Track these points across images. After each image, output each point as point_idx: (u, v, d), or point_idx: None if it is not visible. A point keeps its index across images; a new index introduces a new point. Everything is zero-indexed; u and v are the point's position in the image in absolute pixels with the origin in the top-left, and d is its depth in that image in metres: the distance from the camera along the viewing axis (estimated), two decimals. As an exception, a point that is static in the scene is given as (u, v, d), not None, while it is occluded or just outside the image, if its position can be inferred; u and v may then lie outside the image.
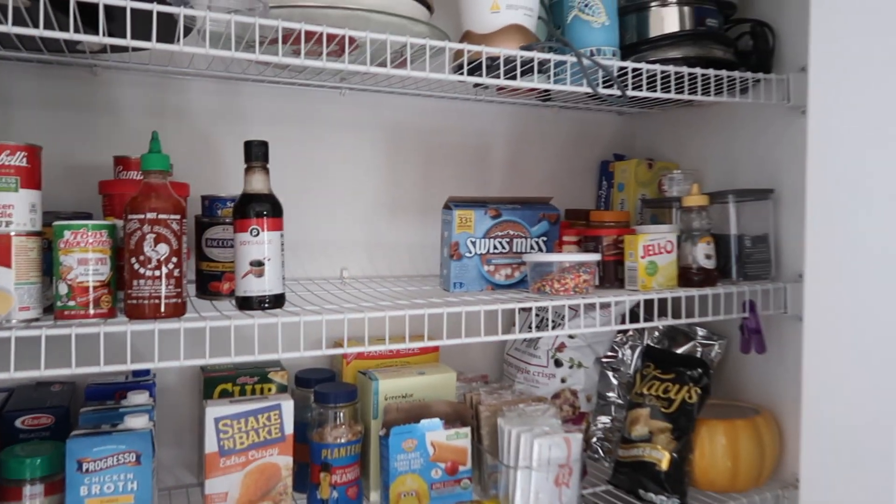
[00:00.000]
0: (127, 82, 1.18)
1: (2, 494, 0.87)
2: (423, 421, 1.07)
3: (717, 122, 1.40)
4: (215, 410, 0.98)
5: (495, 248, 1.18)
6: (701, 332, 1.36)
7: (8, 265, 0.81)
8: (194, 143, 1.22)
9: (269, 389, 1.14)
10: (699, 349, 1.34)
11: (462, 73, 1.04)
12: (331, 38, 0.93)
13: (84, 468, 0.85)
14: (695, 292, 1.15)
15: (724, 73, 1.17)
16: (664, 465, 1.15)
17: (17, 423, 0.96)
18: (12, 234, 0.82)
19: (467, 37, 1.09)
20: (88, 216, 1.04)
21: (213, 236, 1.05)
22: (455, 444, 1.09)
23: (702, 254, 1.19)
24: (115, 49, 1.06)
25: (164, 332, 0.83)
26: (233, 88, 1.25)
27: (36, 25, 0.79)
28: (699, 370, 1.21)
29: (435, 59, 1.00)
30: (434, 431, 1.07)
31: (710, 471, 1.16)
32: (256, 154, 0.95)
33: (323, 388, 1.08)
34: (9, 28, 0.78)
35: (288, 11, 0.96)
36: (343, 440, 1.05)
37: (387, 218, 1.38)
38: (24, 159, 0.83)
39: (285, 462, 1.02)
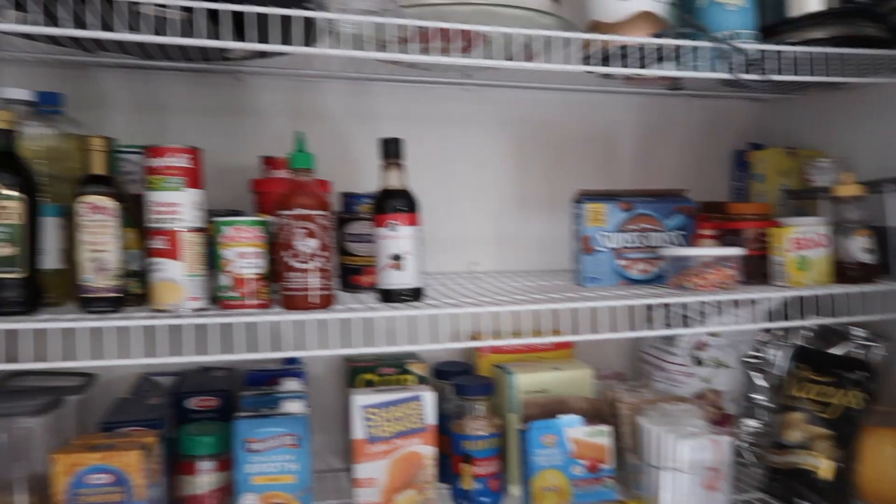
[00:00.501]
0: (268, 87, 1.25)
1: (179, 468, 0.94)
2: (561, 417, 1.06)
3: (866, 104, 1.30)
4: (362, 399, 1.02)
5: (629, 242, 1.15)
6: (859, 332, 1.26)
7: (178, 258, 0.88)
8: (329, 142, 1.27)
9: (409, 380, 1.17)
10: (858, 351, 1.25)
11: (592, 64, 1.03)
12: (461, 34, 0.94)
13: (249, 448, 0.91)
14: (853, 289, 1.07)
15: (878, 52, 1.08)
16: (824, 474, 1.07)
17: (189, 403, 1.04)
18: (180, 230, 0.88)
19: (595, 26, 1.08)
20: (239, 214, 1.10)
21: (353, 231, 1.09)
22: (595, 441, 1.07)
23: (859, 247, 1.10)
24: (260, 55, 1.12)
25: (312, 322, 0.87)
26: (363, 89, 1.30)
27: (193, 36, 0.84)
28: (864, 373, 1.12)
29: (562, 50, 0.99)
30: (573, 428, 1.06)
31: (878, 482, 1.07)
32: (392, 151, 0.98)
33: (462, 380, 1.09)
34: (171, 39, 0.84)
35: (418, 10, 0.98)
36: (483, 432, 1.06)
37: (514, 212, 1.38)
38: (188, 161, 0.90)
39: (428, 452, 1.04)
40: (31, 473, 0.87)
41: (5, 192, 0.83)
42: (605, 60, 1.02)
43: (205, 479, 0.95)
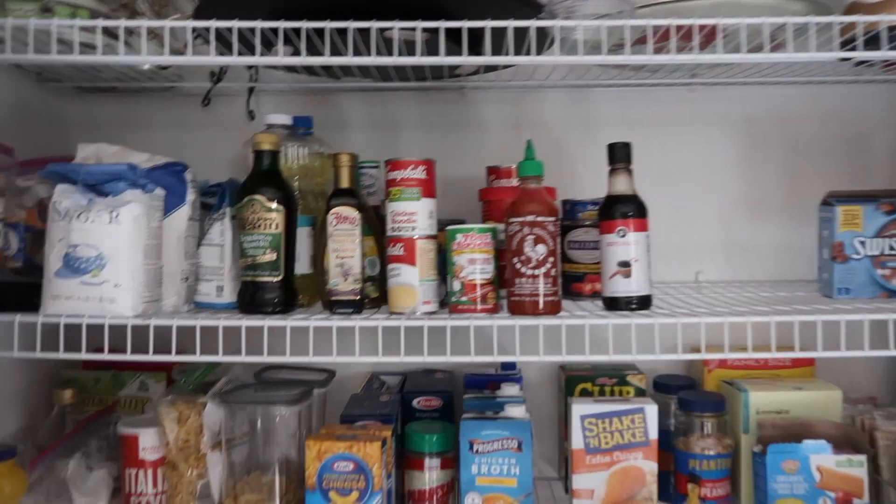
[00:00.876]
0: (489, 99, 1.29)
1: (408, 462, 1.00)
2: (805, 441, 0.96)
3: None
4: (581, 408, 1.00)
5: (892, 248, 1.02)
6: None
7: (413, 264, 0.93)
8: (548, 150, 1.26)
9: (628, 392, 1.13)
10: None
11: (848, 51, 0.92)
12: (701, 30, 0.89)
13: (475, 449, 0.94)
14: None
15: None
16: None
17: (414, 403, 1.10)
18: (416, 237, 0.94)
19: (854, 8, 0.97)
20: (463, 222, 1.15)
21: (574, 238, 1.08)
22: (848, 472, 0.95)
23: None
24: (486, 69, 1.16)
25: (530, 328, 0.87)
26: (583, 96, 1.29)
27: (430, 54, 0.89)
28: None
29: (814, 38, 0.90)
30: (820, 455, 0.96)
31: None
32: (620, 156, 0.96)
33: (688, 395, 1.04)
34: (418, 60, 0.89)
35: (652, 10, 0.95)
36: (712, 452, 0.99)
37: (745, 218, 1.28)
38: (424, 172, 0.95)
39: (650, 468, 1.00)
40: (283, 457, 0.97)
41: (270, 204, 0.94)
42: (865, 45, 0.92)
43: (431, 475, 1.00)
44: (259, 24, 0.87)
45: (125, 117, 1.30)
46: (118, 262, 0.87)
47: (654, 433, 1.00)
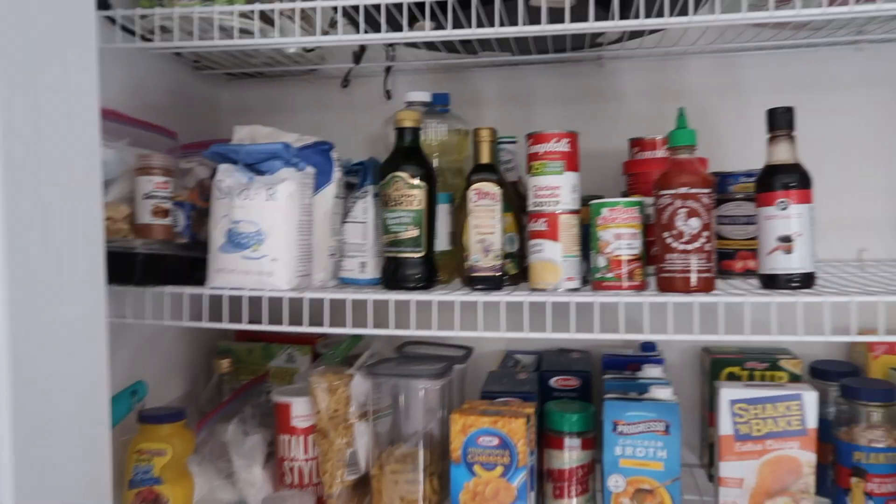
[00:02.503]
0: (630, 69, 1.24)
1: (547, 441, 0.99)
2: None
3: None
4: (731, 392, 0.95)
5: None
6: None
7: (556, 239, 0.92)
8: (693, 119, 1.20)
9: (780, 377, 1.06)
10: None
11: None
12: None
13: (619, 430, 0.91)
14: None
15: None
16: None
17: (551, 382, 1.09)
18: (559, 212, 0.92)
19: None
20: (601, 197, 1.11)
21: (725, 213, 1.02)
22: None
23: None
24: (630, 35, 1.11)
25: (682, 307, 0.83)
26: (729, 62, 1.21)
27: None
28: None
29: None
30: None
31: None
32: (781, 122, 0.89)
33: (853, 382, 0.96)
34: (565, 27, 0.87)
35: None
36: (881, 445, 0.91)
37: (918, 190, 1.16)
38: (567, 145, 0.93)
39: (807, 458, 0.94)
40: (425, 429, 0.98)
41: (413, 181, 0.95)
42: None
43: (571, 455, 0.98)
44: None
45: (270, 101, 1.37)
46: (275, 237, 0.91)
47: (812, 422, 0.93)
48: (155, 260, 0.92)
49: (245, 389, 1.13)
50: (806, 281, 0.86)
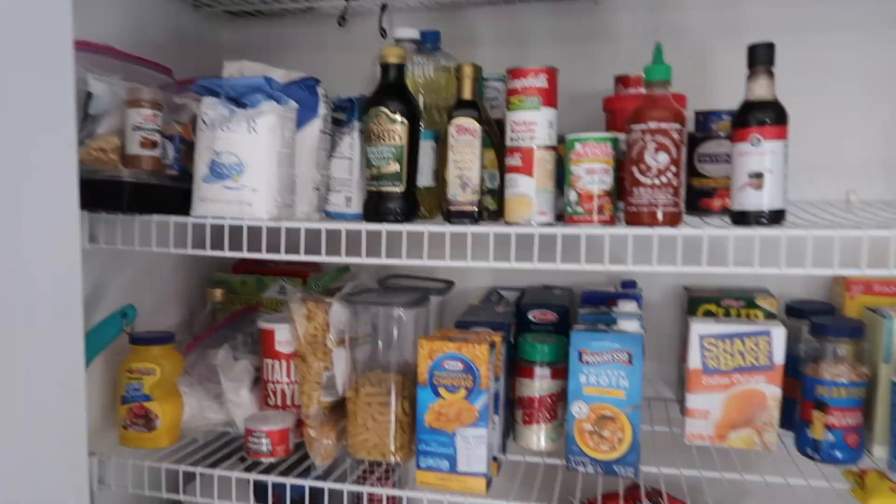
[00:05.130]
0: (627, 7, 1.23)
1: (519, 370, 1.03)
2: (957, 374, 0.88)
3: None
4: (701, 327, 0.97)
5: None
6: None
7: (530, 174, 0.93)
8: (687, 59, 1.19)
9: (756, 315, 1.08)
10: None
11: None
12: None
13: (584, 359, 0.94)
14: None
15: None
16: None
17: (530, 315, 1.12)
18: (535, 147, 0.93)
19: None
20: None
21: (706, 151, 1.02)
22: None
23: None
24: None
25: (643, 239, 0.85)
26: (726, 1, 1.19)
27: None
28: None
29: None
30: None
31: None
32: (760, 56, 0.89)
33: (821, 319, 0.97)
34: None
35: None
36: (843, 380, 0.93)
37: (913, 132, 1.15)
38: (545, 80, 0.93)
39: (772, 392, 0.96)
40: (400, 358, 1.02)
41: (394, 117, 0.97)
42: None
43: (542, 383, 1.02)
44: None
45: (270, 40, 1.39)
46: (255, 168, 0.94)
47: (779, 357, 0.95)
48: (142, 189, 0.96)
49: (237, 317, 1.18)
50: (775, 218, 0.87)
